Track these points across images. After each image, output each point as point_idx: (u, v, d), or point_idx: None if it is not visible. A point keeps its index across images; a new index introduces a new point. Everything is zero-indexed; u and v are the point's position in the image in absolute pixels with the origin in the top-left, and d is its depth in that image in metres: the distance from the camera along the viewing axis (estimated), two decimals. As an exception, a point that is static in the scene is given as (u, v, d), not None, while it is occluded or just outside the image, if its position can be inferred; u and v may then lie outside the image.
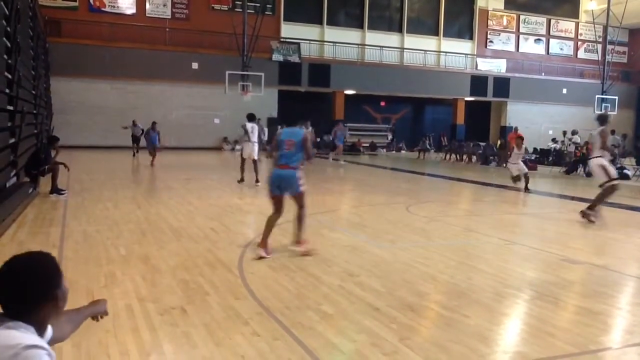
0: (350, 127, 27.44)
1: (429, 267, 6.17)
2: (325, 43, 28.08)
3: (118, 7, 25.54)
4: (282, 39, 27.09)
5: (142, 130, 18.71)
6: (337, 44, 27.84)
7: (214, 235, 7.61)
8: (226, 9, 26.24)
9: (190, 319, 4.36)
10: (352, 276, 5.60)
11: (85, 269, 5.67)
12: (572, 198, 13.24)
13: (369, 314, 4.56)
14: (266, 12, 26.87)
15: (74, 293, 4.84)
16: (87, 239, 7.09)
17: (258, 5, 26.20)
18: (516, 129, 22.37)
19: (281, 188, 6.44)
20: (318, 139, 27.38)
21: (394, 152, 27.90)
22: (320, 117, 28.02)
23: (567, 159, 20.39)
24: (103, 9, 25.30)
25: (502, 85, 29.12)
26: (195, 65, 24.52)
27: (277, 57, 26.21)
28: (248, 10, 25.65)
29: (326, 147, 25.40)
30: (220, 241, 7.23)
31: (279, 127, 15.32)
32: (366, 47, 28.62)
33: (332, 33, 28.41)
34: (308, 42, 27.31)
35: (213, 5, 26.29)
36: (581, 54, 32.79)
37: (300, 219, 6.55)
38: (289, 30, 27.58)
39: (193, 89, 23.91)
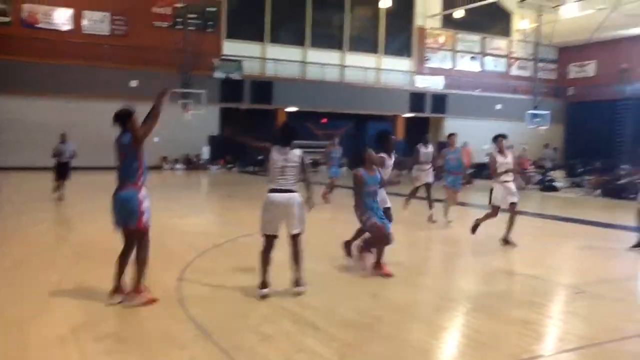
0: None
1: (370, 283, 6.22)
2: (268, 60, 28.19)
3: (53, 23, 24.83)
4: (223, 56, 27.01)
5: (73, 153, 13.80)
6: (279, 61, 27.98)
7: (151, 256, 7.44)
8: (166, 25, 25.96)
9: (126, 345, 4.24)
10: (292, 294, 5.57)
11: (14, 297, 5.42)
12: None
13: (309, 333, 4.55)
14: (207, 29, 26.74)
15: (2, 322, 4.62)
16: (17, 265, 6.79)
17: (199, 22, 26.04)
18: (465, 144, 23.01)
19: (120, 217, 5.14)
20: (260, 157, 27.28)
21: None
22: (262, 134, 27.91)
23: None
24: (37, 25, 24.53)
25: (440, 102, 29.93)
26: (134, 83, 24.08)
27: (218, 74, 26.08)
28: (189, 27, 25.46)
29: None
30: (158, 263, 7.08)
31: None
32: (308, 64, 28.91)
33: (274, 50, 28.54)
34: (250, 59, 27.34)
35: (153, 22, 25.96)
36: (514, 71, 34.13)
37: (139, 261, 5.18)
38: (231, 47, 27.52)
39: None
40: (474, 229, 8.74)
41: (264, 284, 5.44)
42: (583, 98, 31.38)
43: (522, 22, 32.45)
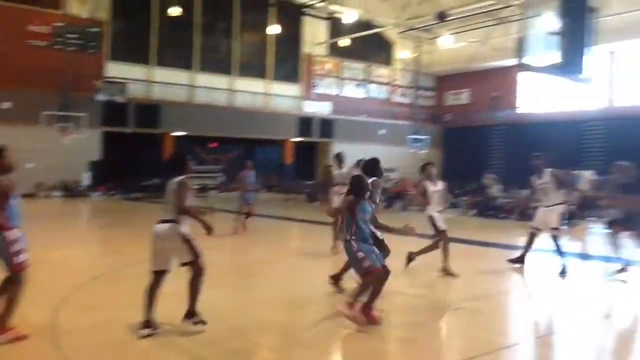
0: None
1: (260, 310, 6.18)
2: (154, 83, 27.47)
3: None
4: (107, 78, 25.97)
5: None
6: (166, 85, 27.37)
7: (24, 292, 6.92)
8: (45, 44, 24.54)
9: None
10: (177, 325, 5.38)
11: None
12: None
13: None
14: (89, 50, 25.59)
15: None
16: None
17: (80, 42, 24.85)
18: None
19: None
20: (145, 183, 26.37)
21: (224, 193, 27.77)
22: (149, 159, 27.11)
23: (385, 195, 21.97)
24: None
25: (327, 127, 30.68)
26: (6, 105, 22.52)
27: (101, 96, 24.99)
28: (69, 47, 24.20)
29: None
30: (31, 298, 6.58)
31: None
32: (196, 88, 28.53)
33: (161, 73, 27.87)
34: (135, 82, 26.52)
35: (29, 40, 24.45)
36: (396, 98, 35.75)
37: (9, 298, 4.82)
38: (115, 69, 26.52)
39: (3, 129, 21.75)
40: (408, 261, 8.45)
41: (146, 324, 5.07)
42: (459, 124, 33.49)
43: (402, 52, 34.18)
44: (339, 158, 10.88)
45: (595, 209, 13.73)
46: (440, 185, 8.33)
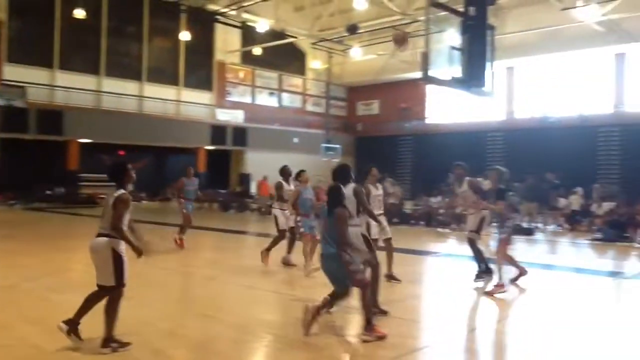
0: (85, 177, 25.79)
1: (167, 322, 6.07)
2: (57, 88, 26.20)
3: None
4: (4, 81, 24.49)
5: None
6: (70, 90, 26.18)
7: None
8: None
9: None
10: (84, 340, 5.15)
11: None
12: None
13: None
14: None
15: None
16: None
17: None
18: (265, 178, 23.92)
19: None
20: (48, 192, 25.14)
21: (134, 202, 26.87)
22: (52, 167, 25.83)
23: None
24: None
25: (241, 135, 30.48)
26: None
27: (-3, 101, 23.52)
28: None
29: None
30: None
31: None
32: (103, 93, 27.50)
33: (65, 77, 26.65)
34: (37, 86, 25.18)
35: None
36: (309, 107, 36.14)
37: None
38: (13, 72, 25.07)
39: None
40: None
41: (109, 340, 4.86)
42: (370, 133, 34.33)
43: (315, 62, 34.66)
44: (286, 172, 10.07)
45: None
46: (381, 190, 8.17)
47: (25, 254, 10.78)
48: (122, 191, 4.99)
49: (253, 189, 28.19)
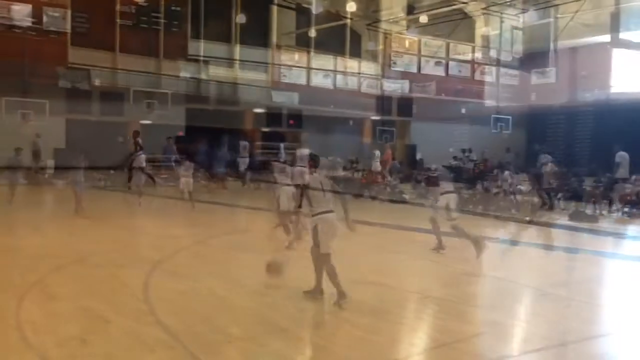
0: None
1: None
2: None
3: None
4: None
5: None
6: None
7: (119, 259, 7.33)
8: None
9: (91, 349, 4.17)
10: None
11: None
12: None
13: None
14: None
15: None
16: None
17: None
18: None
19: None
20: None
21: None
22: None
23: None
24: None
25: (407, 105, 30.15)
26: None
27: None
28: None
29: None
30: (125, 265, 6.97)
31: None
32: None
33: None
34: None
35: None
36: (477, 76, 34.48)
37: None
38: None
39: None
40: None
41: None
42: (544, 102, 31.94)
43: (484, 29, 32.89)
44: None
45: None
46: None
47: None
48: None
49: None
